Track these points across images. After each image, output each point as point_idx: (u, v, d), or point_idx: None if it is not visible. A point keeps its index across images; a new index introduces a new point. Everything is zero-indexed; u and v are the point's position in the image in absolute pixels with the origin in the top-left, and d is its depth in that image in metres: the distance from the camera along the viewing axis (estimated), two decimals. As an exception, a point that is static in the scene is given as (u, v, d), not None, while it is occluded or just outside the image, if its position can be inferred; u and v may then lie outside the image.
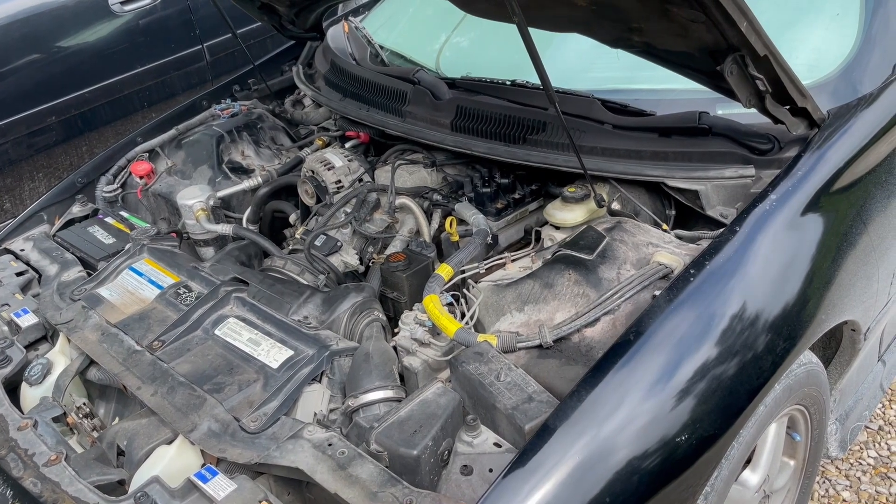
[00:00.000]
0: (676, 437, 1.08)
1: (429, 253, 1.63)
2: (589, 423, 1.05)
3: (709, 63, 1.31)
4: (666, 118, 1.54)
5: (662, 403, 1.09)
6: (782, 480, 1.66)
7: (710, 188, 1.45)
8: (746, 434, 1.26)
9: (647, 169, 1.51)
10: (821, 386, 1.52)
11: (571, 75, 1.74)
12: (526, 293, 1.37)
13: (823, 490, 2.07)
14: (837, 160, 1.42)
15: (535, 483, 0.99)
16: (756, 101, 1.35)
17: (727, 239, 1.26)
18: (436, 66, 2.09)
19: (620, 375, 1.09)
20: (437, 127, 1.81)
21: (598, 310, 1.26)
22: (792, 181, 1.35)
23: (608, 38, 1.42)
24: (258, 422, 1.24)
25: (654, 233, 1.43)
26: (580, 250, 1.38)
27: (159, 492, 1.16)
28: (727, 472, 1.24)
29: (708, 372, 1.14)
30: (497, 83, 1.83)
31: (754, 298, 1.22)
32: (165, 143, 2.20)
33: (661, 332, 1.14)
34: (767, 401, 1.29)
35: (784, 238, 1.30)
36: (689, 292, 1.19)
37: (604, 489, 1.02)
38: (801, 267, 1.32)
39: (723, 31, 1.20)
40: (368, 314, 1.53)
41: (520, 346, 1.26)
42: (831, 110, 1.47)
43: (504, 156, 1.67)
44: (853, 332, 1.61)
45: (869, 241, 1.47)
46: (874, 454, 2.17)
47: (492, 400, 1.14)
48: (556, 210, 1.58)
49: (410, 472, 1.09)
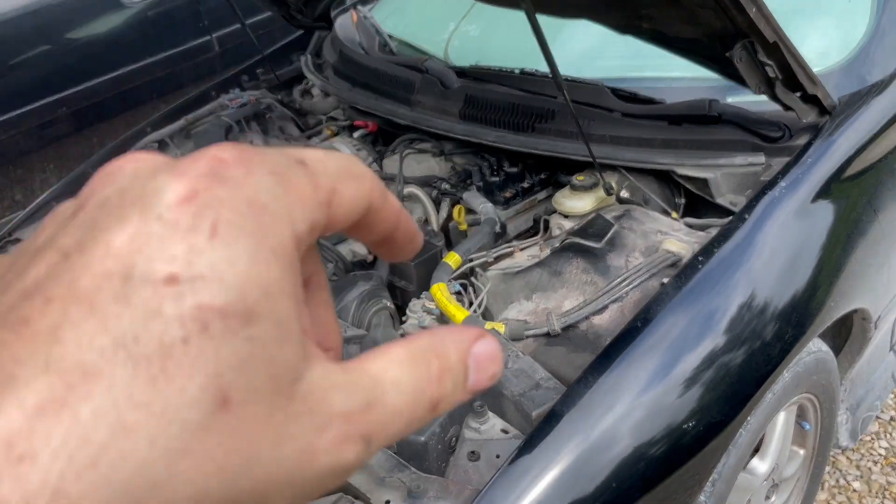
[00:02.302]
0: (683, 424, 1.08)
1: (437, 242, 1.63)
2: (596, 409, 1.05)
3: (718, 50, 1.30)
4: (676, 106, 1.53)
5: (669, 390, 1.09)
6: (791, 469, 1.66)
7: (719, 176, 1.44)
8: (754, 422, 1.25)
9: (657, 157, 1.50)
10: (831, 374, 1.51)
11: (581, 63, 1.74)
12: (534, 281, 1.37)
13: (834, 480, 2.07)
14: (848, 148, 1.41)
15: (542, 468, 0.99)
16: (766, 87, 1.35)
17: (736, 227, 1.26)
18: (445, 55, 2.08)
19: (628, 362, 1.09)
20: (446, 116, 1.80)
21: (606, 297, 1.26)
22: (802, 169, 1.34)
23: (617, 25, 1.42)
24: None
25: (662, 220, 1.43)
26: (588, 238, 1.38)
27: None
28: (735, 459, 1.24)
29: (716, 359, 1.13)
30: (506, 72, 1.83)
31: (763, 286, 1.22)
32: (174, 133, 2.20)
33: (669, 319, 1.14)
34: (776, 388, 1.29)
35: (794, 226, 1.30)
36: (697, 280, 1.18)
37: (610, 475, 1.02)
38: (811, 255, 1.31)
39: (731, 17, 1.19)
40: (377, 302, 1.53)
41: (528, 334, 1.26)
42: (842, 98, 1.45)
43: (513, 144, 1.67)
44: (863, 321, 1.60)
45: (880, 229, 1.46)
46: (885, 444, 2.16)
47: (499, 387, 1.14)
48: (564, 198, 1.58)
49: (418, 458, 1.10)
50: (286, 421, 0.21)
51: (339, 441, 0.23)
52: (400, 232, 0.29)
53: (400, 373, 0.25)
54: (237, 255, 0.21)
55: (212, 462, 0.20)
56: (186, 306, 0.20)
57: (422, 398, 0.25)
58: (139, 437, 0.19)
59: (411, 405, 0.25)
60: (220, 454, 0.20)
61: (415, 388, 0.25)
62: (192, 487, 0.20)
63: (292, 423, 0.22)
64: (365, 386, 0.24)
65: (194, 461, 0.20)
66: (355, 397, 0.23)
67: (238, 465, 0.21)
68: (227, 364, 0.20)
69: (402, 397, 0.24)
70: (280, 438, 0.21)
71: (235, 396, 0.20)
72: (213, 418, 0.20)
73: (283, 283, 0.22)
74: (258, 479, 0.21)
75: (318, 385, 0.22)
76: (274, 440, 0.21)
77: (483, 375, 0.27)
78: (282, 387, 0.21)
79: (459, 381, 0.26)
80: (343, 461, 0.23)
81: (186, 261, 0.20)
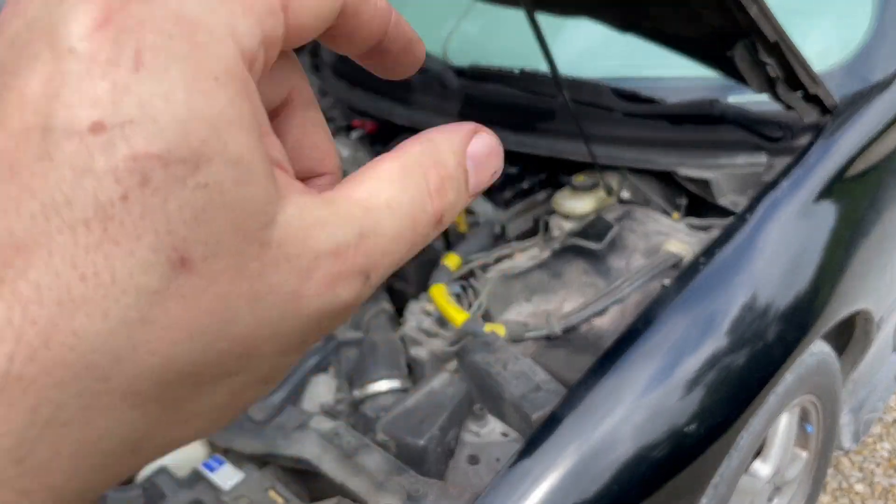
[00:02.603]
0: (685, 427, 1.07)
1: (436, 243, 1.62)
2: (597, 412, 1.04)
3: (719, 49, 1.29)
4: (677, 106, 1.52)
5: (671, 393, 1.08)
6: (794, 472, 1.65)
7: (721, 176, 1.43)
8: (757, 424, 1.24)
9: (658, 157, 1.49)
10: (833, 376, 1.50)
11: (581, 63, 1.73)
12: (534, 283, 1.36)
13: (836, 482, 2.06)
14: (850, 148, 1.40)
15: (542, 472, 0.99)
16: (767, 87, 1.34)
17: (738, 227, 1.25)
18: (444, 54, 2.08)
19: (629, 365, 1.08)
20: (445, 116, 1.80)
21: (607, 299, 1.25)
22: (804, 169, 1.33)
23: (618, 23, 1.41)
24: (265, 412, 1.24)
25: (663, 221, 1.42)
26: (589, 239, 1.37)
27: (166, 481, 1.16)
28: (737, 462, 1.23)
29: (717, 361, 1.12)
30: (506, 71, 1.82)
31: (765, 287, 1.21)
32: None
33: (671, 321, 1.13)
34: (778, 390, 1.28)
35: (795, 226, 1.29)
36: (698, 281, 1.17)
37: (612, 478, 1.01)
38: (813, 255, 1.30)
39: (733, 16, 1.19)
40: (375, 304, 1.52)
41: (528, 336, 1.25)
42: (844, 97, 1.44)
43: (512, 145, 1.66)
44: (866, 322, 1.59)
45: (882, 230, 1.45)
46: (888, 446, 2.14)
47: (499, 389, 1.13)
48: (564, 199, 1.57)
49: (417, 461, 1.09)
50: (262, 272, 0.19)
51: (330, 282, 0.20)
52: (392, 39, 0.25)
53: (394, 192, 0.22)
54: (170, 88, 0.17)
55: (179, 329, 0.18)
56: (119, 157, 0.17)
57: (423, 216, 0.22)
58: (91, 311, 0.17)
59: (412, 226, 0.22)
60: (189, 319, 0.18)
61: (414, 206, 0.22)
62: (161, 357, 0.18)
63: (270, 272, 0.19)
64: (355, 216, 0.21)
65: (158, 330, 0.18)
66: (344, 231, 0.21)
67: (212, 327, 0.19)
68: (177, 219, 0.18)
69: (401, 219, 0.22)
70: (258, 292, 0.19)
71: (194, 254, 0.18)
72: (173, 281, 0.18)
73: (234, 114, 0.18)
74: (238, 337, 0.19)
75: (297, 225, 0.20)
76: (251, 296, 0.19)
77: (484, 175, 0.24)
78: (250, 235, 0.19)
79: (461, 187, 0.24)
80: (338, 302, 0.21)
81: (111, 102, 0.17)
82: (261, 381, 0.21)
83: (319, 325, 0.21)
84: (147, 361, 0.18)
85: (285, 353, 0.21)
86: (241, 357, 0.20)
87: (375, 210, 0.21)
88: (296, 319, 0.20)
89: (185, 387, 0.19)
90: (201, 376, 0.19)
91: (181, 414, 0.20)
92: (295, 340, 0.21)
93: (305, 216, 0.20)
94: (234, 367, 0.20)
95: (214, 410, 0.21)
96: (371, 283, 0.22)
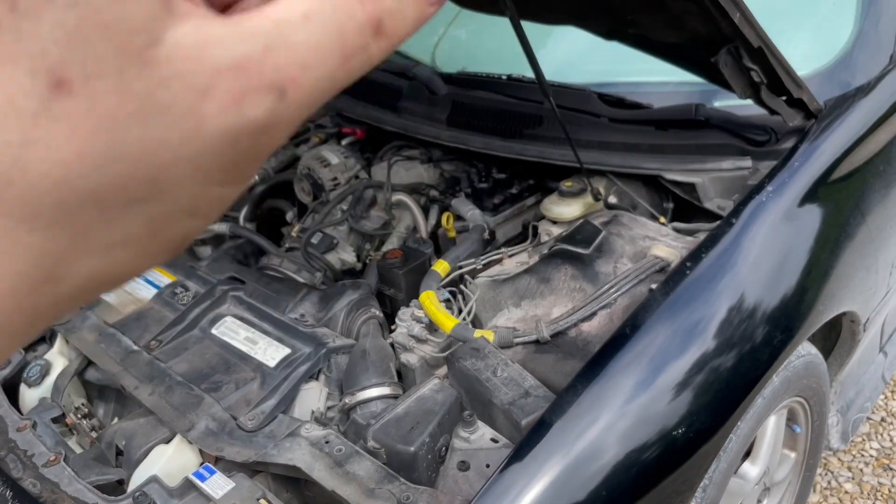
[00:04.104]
0: (673, 430, 1.08)
1: (426, 249, 1.62)
2: (586, 417, 1.04)
3: (703, 54, 1.30)
4: (662, 111, 1.53)
5: (659, 396, 1.09)
6: (783, 473, 1.66)
7: (707, 180, 1.44)
8: (745, 426, 1.25)
9: (644, 162, 1.50)
10: (820, 377, 1.51)
11: (567, 69, 1.74)
12: (523, 288, 1.37)
13: (826, 482, 2.07)
14: (834, 150, 1.41)
15: (532, 477, 0.99)
16: (751, 92, 1.35)
17: (724, 231, 1.26)
18: (432, 60, 2.08)
19: (617, 369, 1.09)
20: (434, 122, 1.80)
21: (595, 304, 1.26)
22: (789, 172, 1.34)
23: (602, 31, 1.42)
24: (255, 420, 1.24)
25: (650, 226, 1.43)
26: (577, 244, 1.37)
27: (158, 491, 1.16)
28: (726, 464, 1.24)
29: (705, 364, 1.13)
30: (493, 78, 1.83)
31: (751, 290, 1.22)
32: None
33: (658, 325, 1.14)
34: (766, 393, 1.29)
35: (781, 229, 1.30)
36: (685, 285, 1.18)
37: (601, 483, 1.02)
38: (799, 258, 1.31)
39: (716, 22, 1.20)
40: (365, 311, 1.52)
41: (517, 342, 1.26)
42: (828, 101, 1.46)
43: (500, 151, 1.67)
44: (852, 324, 1.61)
45: (867, 232, 1.46)
46: (877, 446, 2.16)
47: (489, 395, 1.14)
48: (552, 204, 1.58)
49: (408, 468, 1.09)
50: (151, 90, 0.19)
51: (234, 99, 0.19)
52: None
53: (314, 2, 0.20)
54: None
55: (67, 150, 0.18)
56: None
57: (351, 23, 0.21)
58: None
59: (339, 36, 0.20)
60: (76, 139, 0.18)
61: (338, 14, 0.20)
62: (51, 179, 0.18)
63: (160, 91, 0.19)
64: (261, 30, 0.20)
65: (43, 151, 0.18)
66: (246, 45, 0.19)
67: (99, 147, 0.18)
68: (51, 40, 0.17)
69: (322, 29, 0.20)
70: (148, 112, 0.19)
71: (73, 74, 0.18)
72: (53, 103, 0.18)
73: None
74: (135, 159, 0.19)
75: (189, 43, 0.19)
76: (141, 115, 0.19)
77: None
78: (132, 53, 0.18)
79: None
80: (247, 120, 0.20)
81: None
82: (185, 213, 0.21)
83: (235, 148, 0.20)
84: (39, 184, 0.18)
85: (205, 181, 0.20)
86: (147, 182, 0.19)
87: (286, 23, 0.20)
88: (200, 140, 0.20)
89: (88, 211, 0.19)
90: (104, 200, 0.19)
91: (94, 241, 0.20)
92: (211, 166, 0.20)
93: (200, 33, 0.19)
94: (143, 193, 0.20)
95: (136, 241, 0.20)
96: (290, 100, 0.20)
